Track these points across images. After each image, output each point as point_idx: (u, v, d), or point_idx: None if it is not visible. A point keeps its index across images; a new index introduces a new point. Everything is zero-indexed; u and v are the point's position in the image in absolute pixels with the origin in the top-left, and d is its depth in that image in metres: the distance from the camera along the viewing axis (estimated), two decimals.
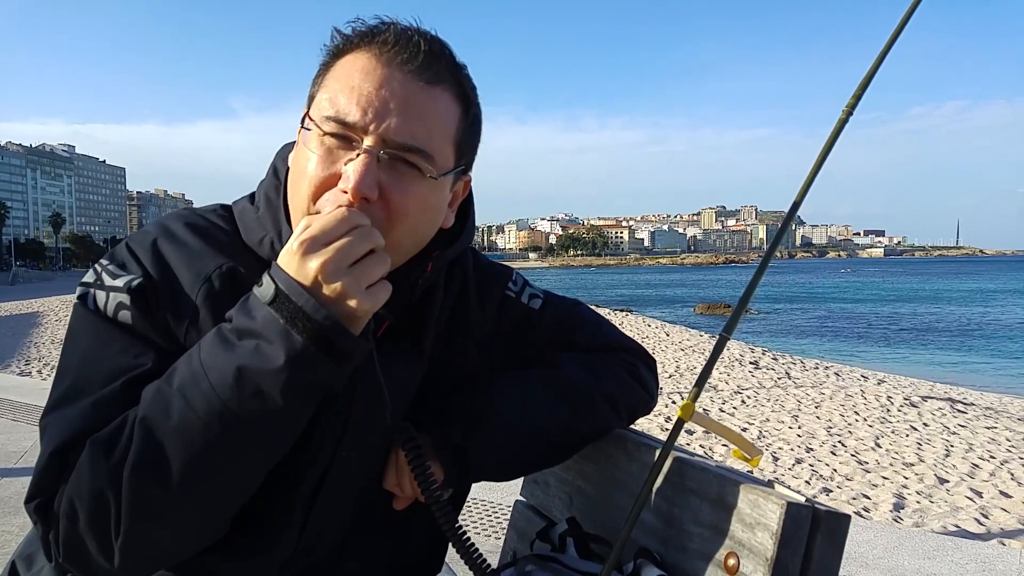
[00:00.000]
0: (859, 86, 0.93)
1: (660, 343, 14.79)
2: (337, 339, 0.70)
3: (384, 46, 0.81)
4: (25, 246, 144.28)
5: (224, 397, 0.70)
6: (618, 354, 1.12)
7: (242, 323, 0.72)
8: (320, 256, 0.71)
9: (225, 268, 0.84)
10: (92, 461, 0.73)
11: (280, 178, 0.91)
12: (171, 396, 0.72)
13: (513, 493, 1.23)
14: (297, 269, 0.71)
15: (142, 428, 0.72)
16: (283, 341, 0.69)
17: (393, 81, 0.80)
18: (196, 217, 0.92)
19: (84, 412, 0.77)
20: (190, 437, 0.71)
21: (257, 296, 0.72)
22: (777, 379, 10.27)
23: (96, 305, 0.83)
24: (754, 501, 0.81)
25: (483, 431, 0.94)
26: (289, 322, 0.69)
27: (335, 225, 0.72)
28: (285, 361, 0.69)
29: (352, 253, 0.72)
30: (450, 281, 1.02)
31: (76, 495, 0.73)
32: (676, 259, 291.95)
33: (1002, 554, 3.13)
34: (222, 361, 0.71)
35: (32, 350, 13.10)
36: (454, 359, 1.01)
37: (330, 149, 0.80)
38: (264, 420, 0.72)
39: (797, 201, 0.97)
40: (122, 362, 0.80)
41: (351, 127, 0.79)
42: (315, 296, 0.70)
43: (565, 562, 0.98)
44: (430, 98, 0.82)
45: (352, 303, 0.71)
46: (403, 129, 0.79)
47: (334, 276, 0.71)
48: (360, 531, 0.96)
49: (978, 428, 7.25)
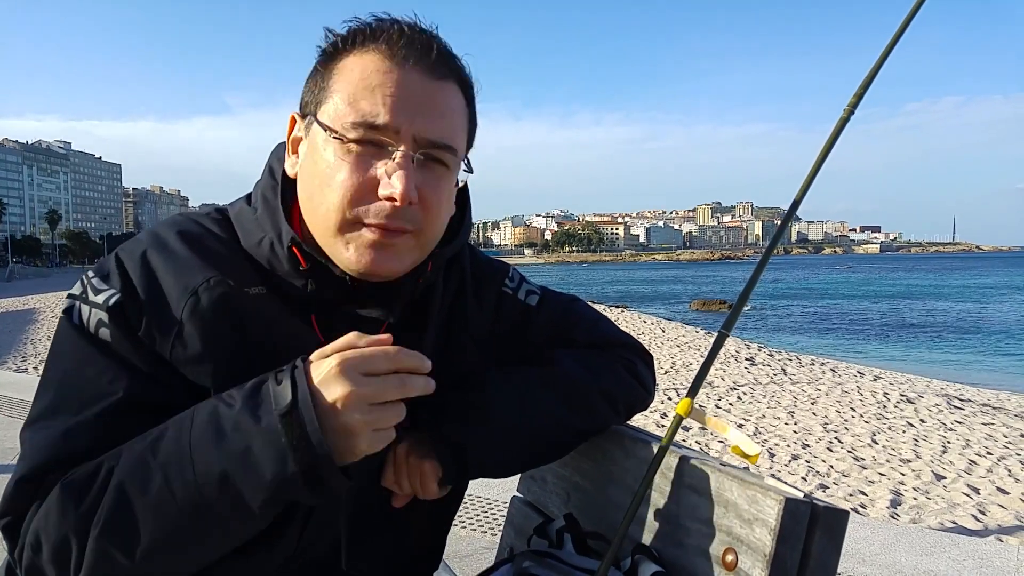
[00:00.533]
0: (861, 85, 0.92)
1: (656, 339, 14.80)
2: (325, 474, 0.69)
3: (392, 45, 0.80)
4: (21, 243, 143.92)
5: (204, 494, 0.70)
6: (615, 350, 1.12)
7: (244, 418, 0.70)
8: (352, 385, 0.69)
9: (213, 282, 0.82)
10: (61, 506, 0.73)
11: (276, 178, 0.89)
12: (153, 470, 0.72)
13: (510, 489, 1.22)
14: (324, 382, 0.69)
15: (118, 493, 0.72)
16: (276, 462, 0.68)
17: (411, 81, 0.80)
18: (190, 224, 0.90)
19: (54, 441, 0.77)
20: (163, 517, 0.71)
21: (271, 395, 0.70)
22: (773, 375, 10.29)
23: (80, 319, 0.83)
24: (752, 497, 0.80)
25: (481, 429, 0.93)
26: (291, 446, 0.68)
27: (382, 360, 0.71)
28: (271, 482, 0.69)
29: (382, 395, 0.70)
30: (448, 278, 1.02)
31: (43, 530, 0.74)
32: (672, 255, 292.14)
33: (999, 550, 3.14)
34: (211, 455, 0.70)
35: (28, 346, 13.07)
36: (452, 356, 1.00)
37: (360, 155, 0.79)
38: (236, 520, 0.72)
39: (797, 200, 0.96)
40: (97, 387, 0.79)
41: (381, 129, 0.78)
42: (325, 421, 0.69)
43: (563, 558, 0.98)
44: (445, 94, 0.82)
45: (356, 441, 0.70)
46: (432, 128, 0.80)
47: (354, 411, 0.69)
48: (359, 528, 0.96)
49: (975, 424, 7.27)
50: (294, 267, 0.85)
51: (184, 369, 0.81)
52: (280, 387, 0.70)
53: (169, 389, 0.81)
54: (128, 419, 0.78)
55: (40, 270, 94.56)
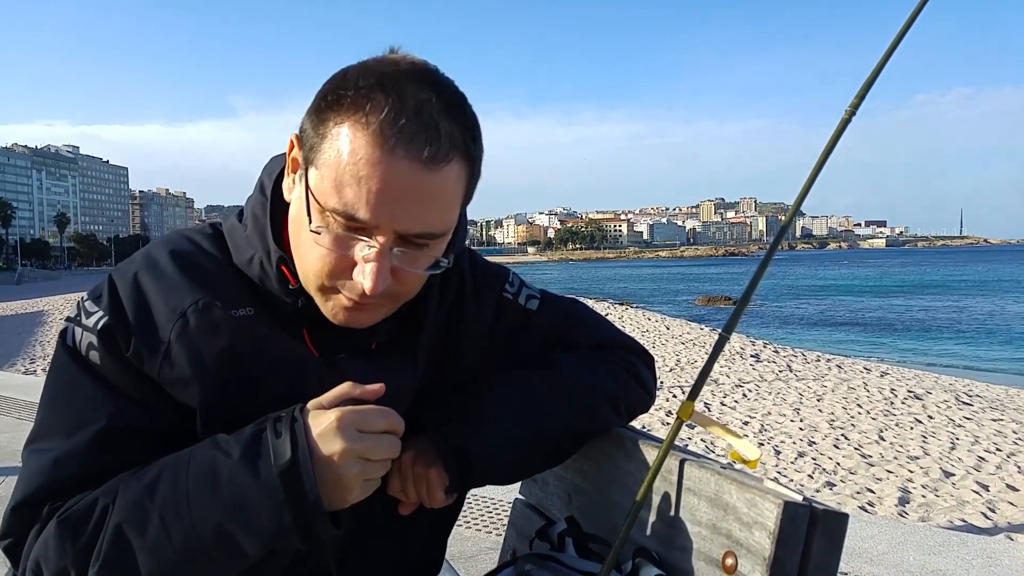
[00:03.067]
0: (863, 86, 0.91)
1: (660, 337, 14.79)
2: (318, 527, 0.74)
3: (386, 128, 0.73)
4: (30, 246, 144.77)
5: (202, 540, 0.74)
6: (617, 352, 1.12)
7: (241, 472, 0.73)
8: (349, 442, 0.73)
9: (201, 304, 0.83)
10: (59, 541, 0.77)
11: (267, 195, 0.89)
12: (150, 514, 0.75)
13: (512, 490, 1.23)
14: (322, 436, 0.74)
15: (116, 535, 0.75)
16: (273, 517, 0.72)
17: (401, 174, 0.73)
18: (183, 242, 0.90)
19: (46, 469, 0.81)
20: (161, 560, 0.74)
21: (270, 449, 0.74)
22: (778, 372, 10.26)
23: (74, 342, 0.84)
24: (751, 500, 0.80)
25: (486, 434, 0.93)
26: (288, 501, 0.72)
27: (377, 421, 0.77)
28: (266, 533, 0.73)
29: (375, 454, 0.76)
30: (447, 283, 1.01)
31: (43, 559, 0.78)
32: (675, 252, 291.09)
33: (1009, 549, 3.12)
34: (207, 504, 0.73)
35: (37, 349, 13.16)
36: (452, 361, 1.00)
37: (339, 237, 0.78)
38: (232, 560, 0.76)
39: (798, 201, 0.95)
40: (84, 413, 0.82)
41: (361, 223, 0.76)
42: (320, 474, 0.73)
43: (564, 561, 0.98)
44: (440, 180, 0.76)
45: (346, 493, 0.75)
46: (416, 222, 0.77)
47: (349, 466, 0.74)
48: (360, 535, 0.96)
49: (984, 420, 7.22)
50: (283, 285, 0.85)
51: (172, 390, 0.82)
52: (279, 441, 0.74)
53: (156, 411, 0.83)
54: (116, 445, 0.81)
55: (49, 273, 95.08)
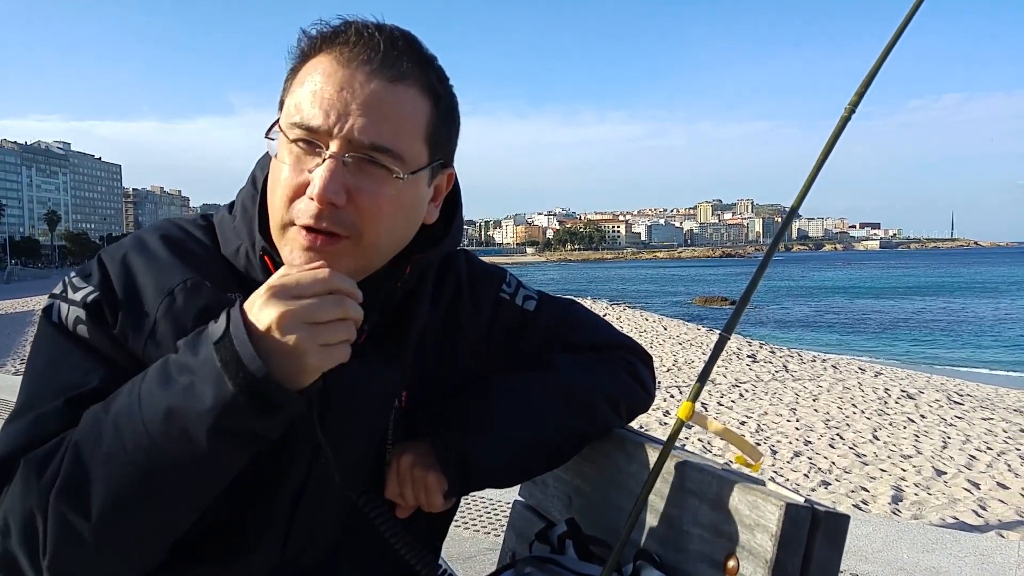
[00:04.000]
0: (862, 84, 0.92)
1: (658, 337, 14.81)
2: (268, 393, 0.68)
3: (345, 47, 0.79)
4: (20, 244, 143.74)
5: (152, 433, 0.69)
6: (615, 352, 1.11)
7: (185, 358, 0.71)
8: (282, 306, 0.69)
9: (190, 283, 0.83)
10: (25, 480, 0.73)
11: (257, 187, 0.90)
12: (105, 424, 0.72)
13: (511, 491, 1.22)
14: (257, 312, 0.70)
15: (73, 453, 0.72)
16: (214, 385, 0.68)
17: (355, 82, 0.78)
18: (174, 229, 0.91)
19: (25, 427, 0.77)
20: (116, 470, 0.70)
21: (208, 331, 0.71)
22: (775, 372, 10.29)
23: (60, 318, 0.83)
24: (753, 502, 0.80)
25: (485, 437, 0.93)
26: (224, 366, 0.68)
27: (311, 283, 0.71)
28: (212, 405, 0.68)
29: (317, 315, 0.70)
30: (443, 284, 1.01)
31: (10, 511, 0.74)
32: (673, 253, 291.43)
33: (1000, 546, 3.14)
34: (157, 397, 0.70)
35: (26, 349, 13.03)
36: (448, 363, 0.99)
37: (299, 156, 0.79)
38: (189, 463, 0.70)
39: (799, 199, 0.96)
40: (72, 378, 0.80)
41: (315, 132, 0.78)
42: (260, 345, 0.68)
43: (564, 564, 0.98)
44: (395, 96, 0.79)
45: (302, 359, 0.69)
46: (367, 130, 0.77)
47: (289, 329, 0.69)
48: (353, 538, 0.95)
49: (975, 420, 7.28)
50: (267, 275, 0.85)
51: None
52: (216, 323, 0.71)
53: None
54: None
55: (39, 271, 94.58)
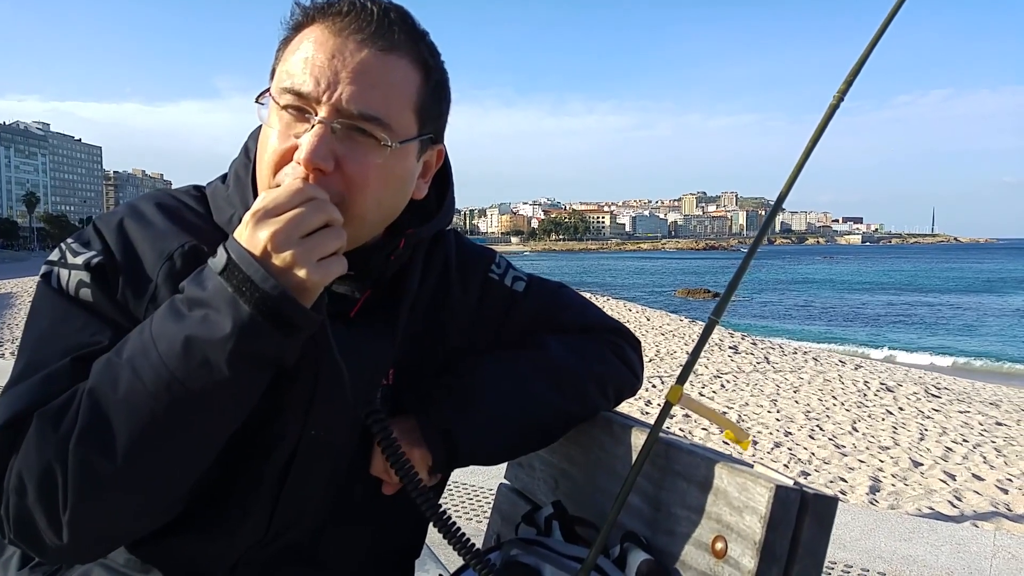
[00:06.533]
0: (851, 71, 0.92)
1: (641, 327, 14.87)
2: (285, 309, 0.70)
3: (337, 17, 0.80)
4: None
5: (172, 367, 0.69)
6: (604, 335, 1.12)
7: (193, 292, 0.72)
8: (271, 226, 0.70)
9: (188, 247, 0.83)
10: (40, 433, 0.72)
11: (250, 157, 0.90)
12: (120, 367, 0.71)
13: (497, 476, 1.22)
14: (248, 239, 0.71)
15: (89, 399, 0.71)
16: (230, 310, 0.69)
17: (345, 50, 0.78)
18: (167, 197, 0.91)
19: (34, 386, 0.76)
20: (137, 408, 0.70)
21: (210, 266, 0.72)
22: (756, 364, 10.38)
23: (59, 283, 0.82)
24: (742, 484, 0.80)
25: (471, 414, 0.93)
26: (237, 291, 0.69)
27: (288, 197, 0.72)
28: (231, 330, 0.69)
29: (304, 225, 0.71)
30: (431, 262, 1.00)
31: (25, 468, 0.72)
32: (657, 244, 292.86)
33: (976, 535, 3.19)
34: (171, 331, 0.70)
35: (5, 332, 12.88)
36: (436, 341, 0.99)
37: (288, 122, 0.79)
38: (212, 391, 0.71)
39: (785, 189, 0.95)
40: (79, 339, 0.79)
41: (305, 98, 0.78)
42: (265, 266, 0.70)
43: (551, 546, 0.97)
44: (385, 66, 0.80)
45: (302, 274, 0.71)
46: (356, 98, 0.78)
47: (284, 246, 0.70)
48: (339, 515, 0.95)
49: (951, 412, 7.39)
50: None
51: None
52: (216, 258, 0.72)
53: None
54: None
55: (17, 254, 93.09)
